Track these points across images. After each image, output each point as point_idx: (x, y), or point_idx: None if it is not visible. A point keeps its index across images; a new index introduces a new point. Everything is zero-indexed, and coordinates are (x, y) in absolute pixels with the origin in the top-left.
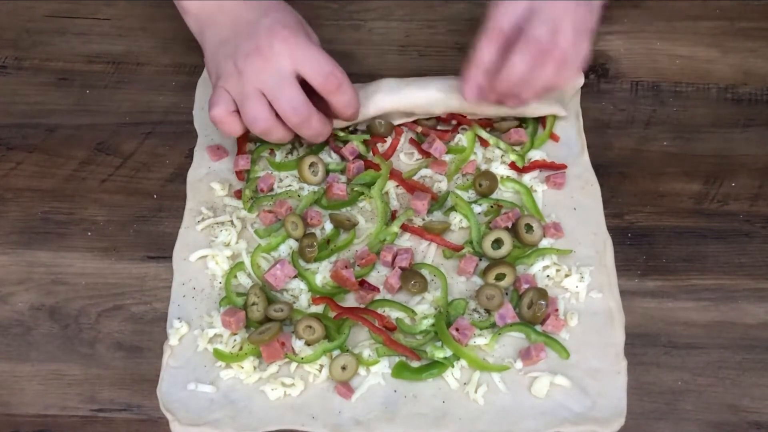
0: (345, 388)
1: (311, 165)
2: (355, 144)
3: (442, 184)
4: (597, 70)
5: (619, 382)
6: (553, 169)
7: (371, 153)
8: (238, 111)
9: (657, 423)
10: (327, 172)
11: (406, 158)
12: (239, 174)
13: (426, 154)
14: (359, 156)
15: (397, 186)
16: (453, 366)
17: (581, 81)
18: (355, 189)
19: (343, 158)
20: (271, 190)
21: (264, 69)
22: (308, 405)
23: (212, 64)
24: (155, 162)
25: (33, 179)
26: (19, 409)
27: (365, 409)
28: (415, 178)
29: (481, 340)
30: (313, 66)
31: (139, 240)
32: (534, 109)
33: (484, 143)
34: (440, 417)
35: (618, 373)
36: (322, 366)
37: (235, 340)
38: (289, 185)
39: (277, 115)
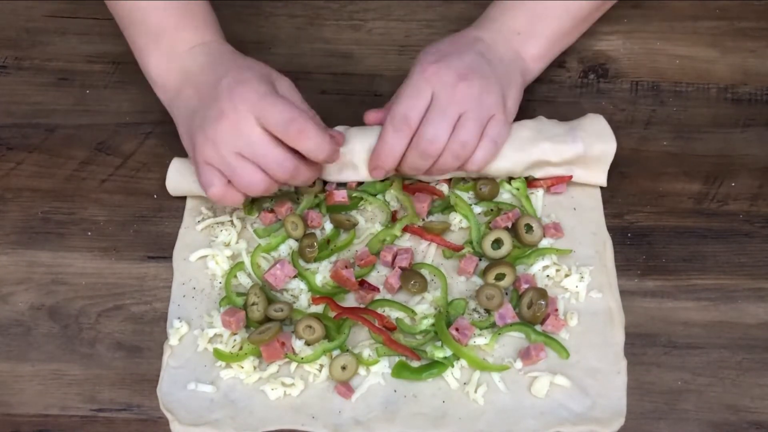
0: (345, 388)
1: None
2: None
3: (443, 188)
4: (597, 70)
5: (618, 382)
6: (558, 182)
7: None
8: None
9: (657, 423)
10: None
11: None
12: None
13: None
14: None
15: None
16: (453, 366)
17: (613, 149)
18: (354, 195)
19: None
20: None
21: (234, 133)
22: (308, 405)
23: (186, 137)
24: (155, 162)
25: (33, 179)
26: (19, 409)
27: (365, 409)
28: None
29: (480, 340)
30: (273, 116)
31: (139, 240)
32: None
33: None
34: (440, 417)
35: (618, 372)
36: (322, 366)
37: (235, 340)
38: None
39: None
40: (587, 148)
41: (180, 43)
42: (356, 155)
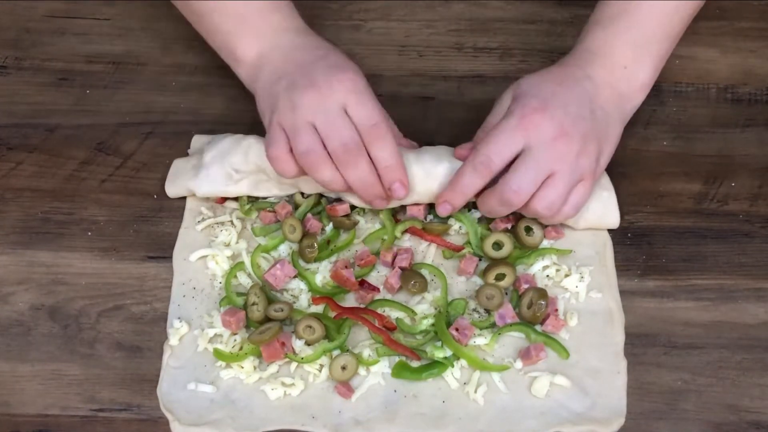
0: (345, 387)
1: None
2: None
3: None
4: None
5: (618, 382)
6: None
7: None
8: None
9: (657, 423)
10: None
11: None
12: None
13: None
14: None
15: None
16: (453, 366)
17: (615, 225)
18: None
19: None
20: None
21: (318, 103)
22: (308, 405)
23: (266, 101)
24: (155, 162)
25: (33, 179)
26: (19, 409)
27: (365, 409)
28: None
29: (480, 340)
30: (363, 109)
31: (139, 240)
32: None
33: None
34: (440, 417)
35: (618, 373)
36: (322, 366)
37: (235, 340)
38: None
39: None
40: (588, 224)
41: (267, 25)
42: None
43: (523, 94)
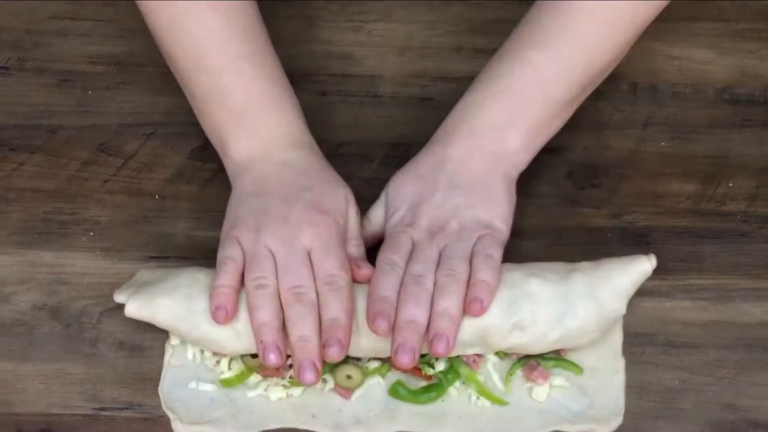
0: (345, 388)
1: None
2: None
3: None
4: None
5: (617, 381)
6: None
7: None
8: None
9: (655, 422)
10: None
11: None
12: None
13: None
14: None
15: None
16: (452, 385)
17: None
18: None
19: None
20: None
21: (283, 238)
22: (308, 403)
23: (233, 209)
24: (157, 162)
25: (35, 180)
26: (21, 408)
27: (365, 407)
28: None
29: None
30: (325, 258)
31: (140, 240)
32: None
33: None
34: (440, 416)
35: (616, 372)
36: (326, 381)
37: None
38: None
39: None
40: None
41: (264, 126)
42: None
43: (392, 201)
